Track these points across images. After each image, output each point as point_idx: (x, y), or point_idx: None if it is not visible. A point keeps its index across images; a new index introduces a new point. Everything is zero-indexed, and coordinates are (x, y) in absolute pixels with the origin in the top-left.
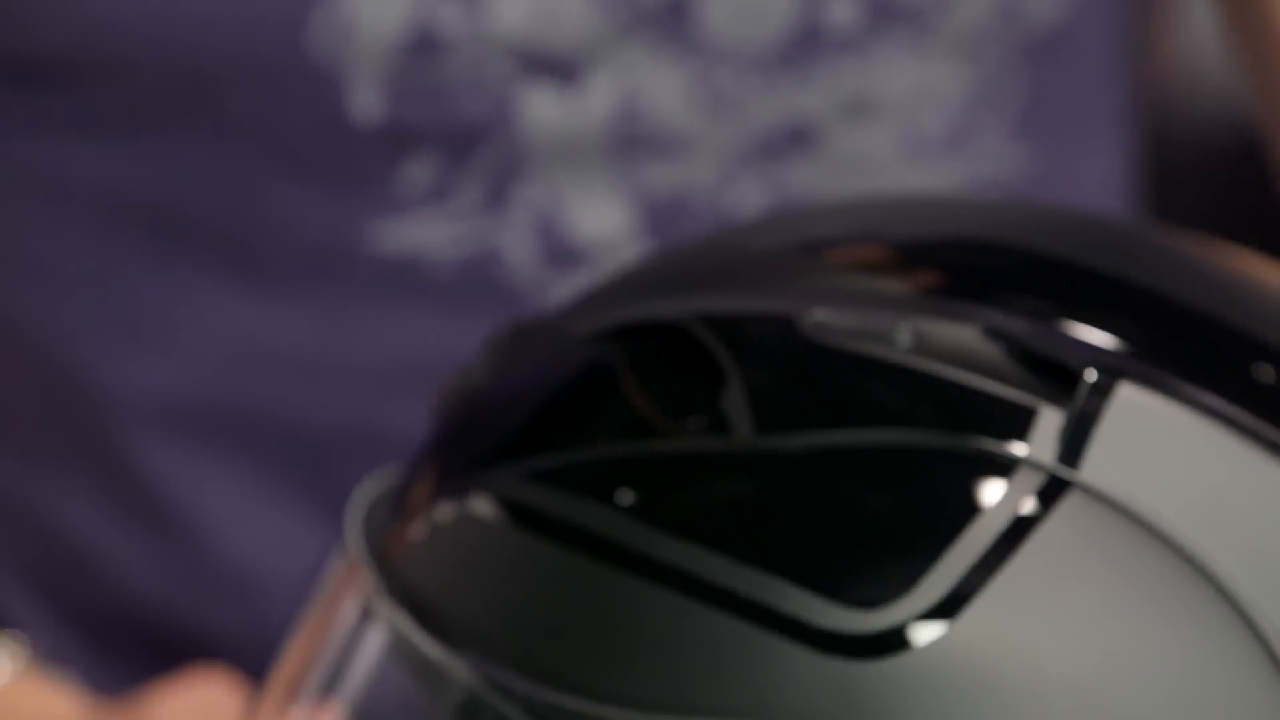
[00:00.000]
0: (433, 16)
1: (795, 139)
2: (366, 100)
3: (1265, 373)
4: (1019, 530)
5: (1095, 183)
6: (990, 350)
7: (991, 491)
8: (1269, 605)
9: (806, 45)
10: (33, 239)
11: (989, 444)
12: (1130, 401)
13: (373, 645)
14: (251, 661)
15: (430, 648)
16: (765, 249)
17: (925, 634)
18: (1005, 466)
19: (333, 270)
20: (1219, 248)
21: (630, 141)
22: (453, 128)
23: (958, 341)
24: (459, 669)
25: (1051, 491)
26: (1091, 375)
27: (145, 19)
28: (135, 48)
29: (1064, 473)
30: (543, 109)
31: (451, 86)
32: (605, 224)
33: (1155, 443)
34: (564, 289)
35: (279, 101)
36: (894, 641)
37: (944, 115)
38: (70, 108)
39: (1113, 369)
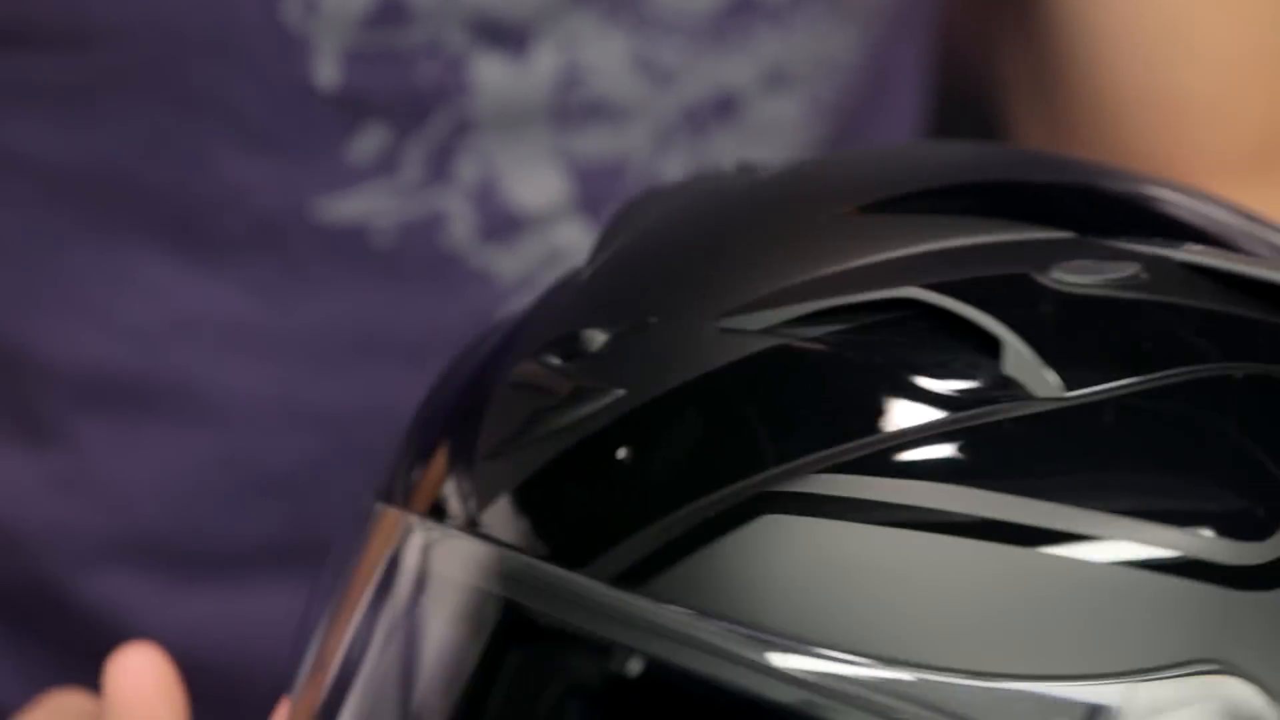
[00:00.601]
0: None
1: (719, 109)
2: (328, 69)
3: None
4: None
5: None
6: (1203, 283)
7: None
8: None
9: (739, 16)
10: None
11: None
12: None
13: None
14: (171, 636)
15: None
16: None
17: None
18: None
19: (274, 242)
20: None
21: (569, 110)
22: (406, 97)
23: (1176, 277)
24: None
25: None
26: None
27: None
28: (113, 15)
29: None
30: (490, 77)
31: (410, 56)
32: (543, 193)
33: None
34: (503, 257)
35: (243, 70)
36: None
37: (835, 82)
38: (16, 75)
39: None
